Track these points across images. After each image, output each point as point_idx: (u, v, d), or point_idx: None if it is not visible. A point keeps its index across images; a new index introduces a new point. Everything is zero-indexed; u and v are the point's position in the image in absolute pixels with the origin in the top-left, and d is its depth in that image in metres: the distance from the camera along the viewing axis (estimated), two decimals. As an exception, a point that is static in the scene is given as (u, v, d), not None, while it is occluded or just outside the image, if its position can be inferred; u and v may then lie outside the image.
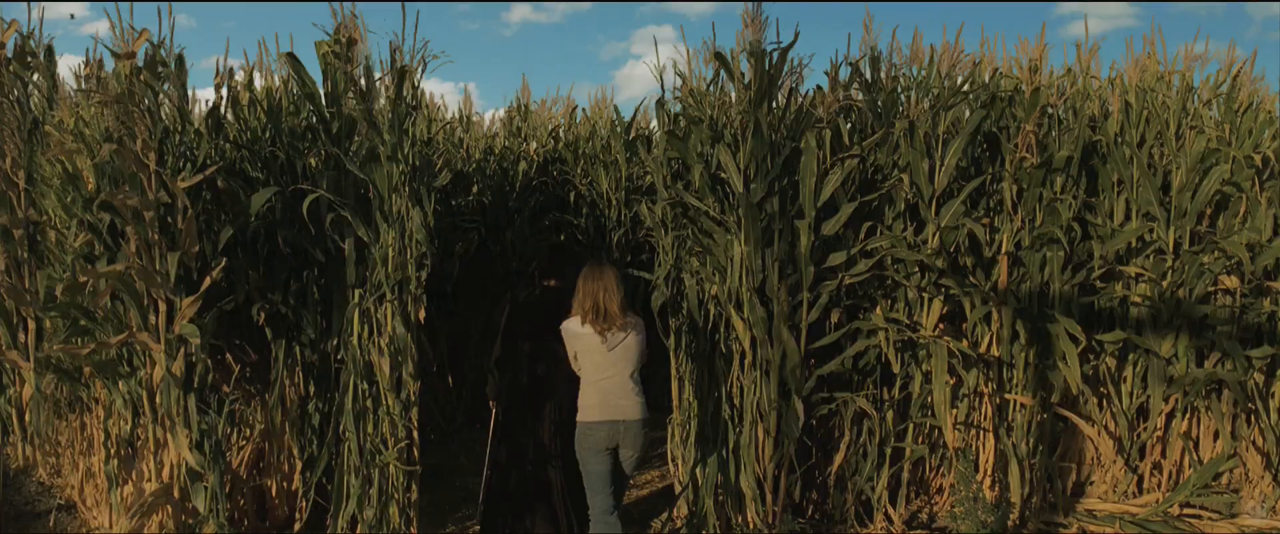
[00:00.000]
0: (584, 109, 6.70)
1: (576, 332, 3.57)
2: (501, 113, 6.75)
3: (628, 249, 5.95)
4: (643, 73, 24.86)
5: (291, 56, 3.80)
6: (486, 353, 5.81)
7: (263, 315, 4.06)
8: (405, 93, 3.61)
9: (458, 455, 5.39)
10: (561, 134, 6.42)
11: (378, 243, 3.69)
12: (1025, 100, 4.30)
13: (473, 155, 6.20)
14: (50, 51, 3.73)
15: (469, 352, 5.92)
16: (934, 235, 4.22)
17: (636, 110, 6.19)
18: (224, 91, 4.13)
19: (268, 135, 4.10)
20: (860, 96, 4.52)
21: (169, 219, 3.54)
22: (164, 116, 3.58)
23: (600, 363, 3.54)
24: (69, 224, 3.90)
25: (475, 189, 5.83)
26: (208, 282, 3.49)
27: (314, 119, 3.87)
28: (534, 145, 6.23)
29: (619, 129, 6.08)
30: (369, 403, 3.68)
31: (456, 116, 6.64)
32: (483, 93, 25.43)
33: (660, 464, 5.49)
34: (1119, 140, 4.52)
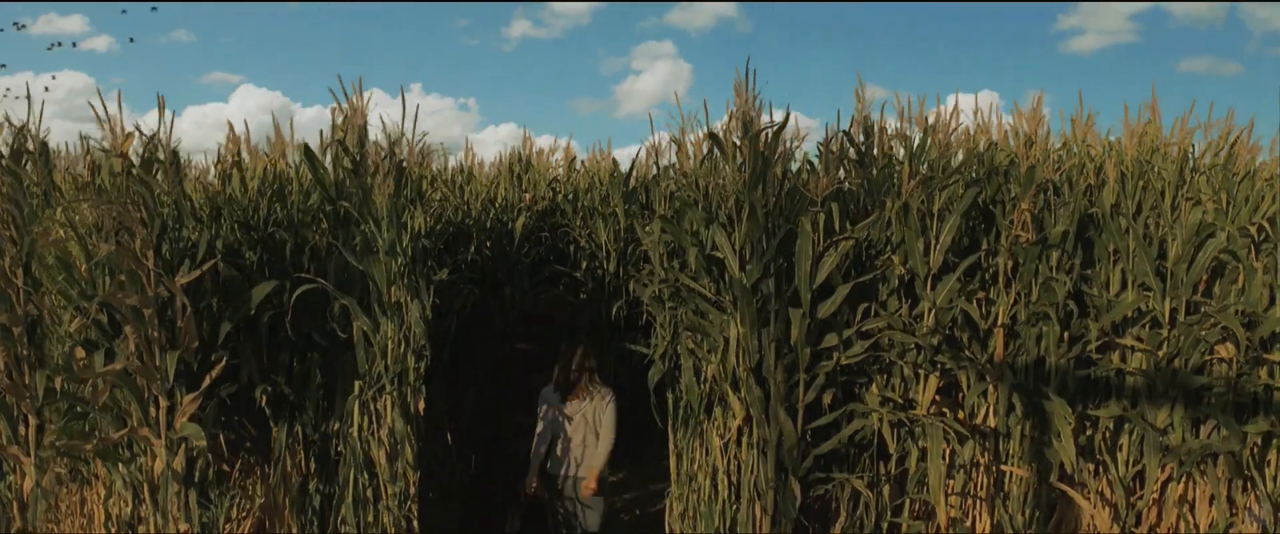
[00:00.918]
0: (583, 161, 6.74)
1: (548, 396, 4.48)
2: (503, 154, 6.79)
3: (625, 303, 5.97)
4: (643, 88, 24.87)
5: (306, 149, 3.84)
6: (484, 419, 5.84)
7: (264, 397, 4.09)
8: (404, 186, 3.63)
9: (456, 517, 5.43)
10: (560, 186, 6.45)
11: (377, 332, 3.72)
12: (1021, 175, 4.31)
13: (472, 208, 6.21)
14: (45, 148, 3.76)
15: (466, 408, 5.94)
16: (929, 313, 4.24)
17: (633, 166, 6.21)
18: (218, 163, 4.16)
19: (270, 215, 4.13)
20: (854, 170, 4.53)
21: (168, 313, 3.57)
22: (160, 210, 3.60)
23: (563, 423, 4.41)
24: (65, 307, 3.93)
25: (474, 246, 5.85)
26: (208, 380, 3.52)
27: (323, 205, 3.90)
28: (530, 196, 6.26)
29: (618, 179, 6.10)
30: (369, 493, 3.71)
31: (458, 167, 6.67)
32: (483, 109, 25.38)
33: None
34: (1115, 211, 4.53)
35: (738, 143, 4.18)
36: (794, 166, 4.24)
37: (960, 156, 4.55)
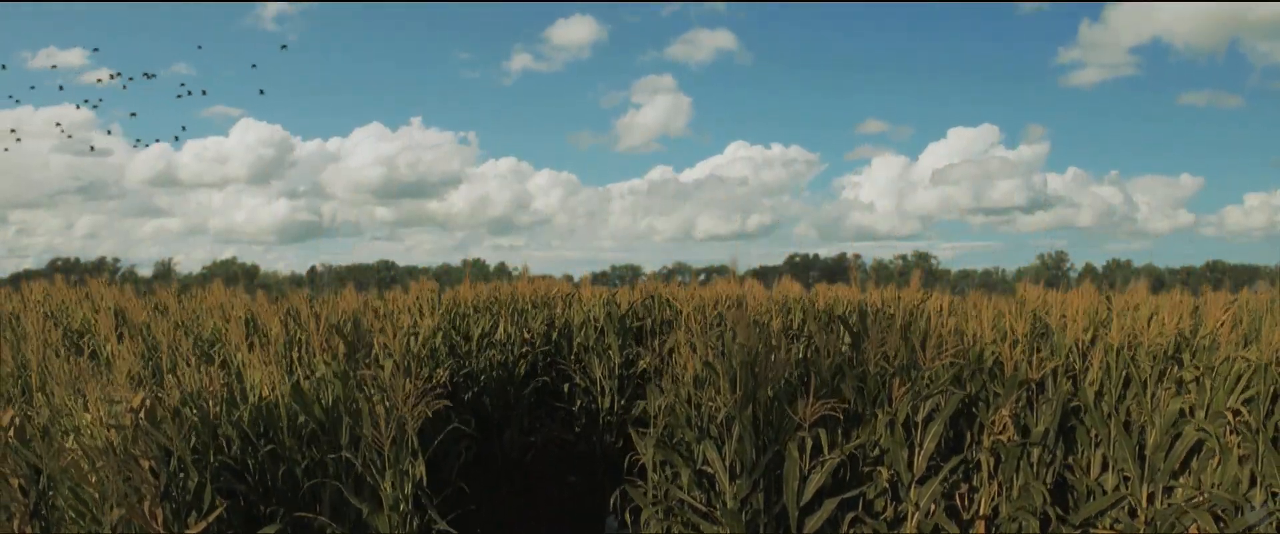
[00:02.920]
0: (579, 295, 6.84)
1: None
2: (502, 289, 6.87)
3: (620, 436, 6.10)
4: (643, 121, 24.91)
5: (297, 388, 3.94)
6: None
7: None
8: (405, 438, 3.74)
9: None
10: (557, 320, 6.54)
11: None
12: (1005, 377, 4.42)
13: (471, 339, 6.32)
14: (46, 431, 3.87)
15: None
16: (913, 516, 4.37)
17: (630, 305, 6.30)
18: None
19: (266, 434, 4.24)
20: (848, 361, 4.64)
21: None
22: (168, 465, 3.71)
23: None
24: None
25: (475, 390, 5.96)
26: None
27: (316, 437, 4.01)
28: (529, 334, 6.36)
29: (614, 317, 6.20)
30: None
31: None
32: (483, 142, 25.39)
33: None
34: (1098, 399, 4.65)
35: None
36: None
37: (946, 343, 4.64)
